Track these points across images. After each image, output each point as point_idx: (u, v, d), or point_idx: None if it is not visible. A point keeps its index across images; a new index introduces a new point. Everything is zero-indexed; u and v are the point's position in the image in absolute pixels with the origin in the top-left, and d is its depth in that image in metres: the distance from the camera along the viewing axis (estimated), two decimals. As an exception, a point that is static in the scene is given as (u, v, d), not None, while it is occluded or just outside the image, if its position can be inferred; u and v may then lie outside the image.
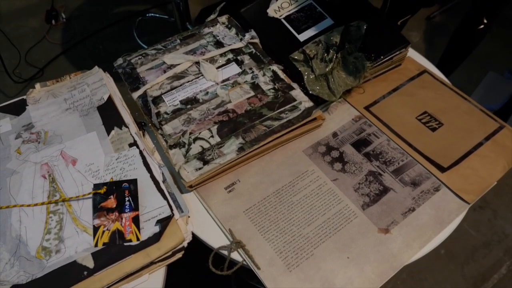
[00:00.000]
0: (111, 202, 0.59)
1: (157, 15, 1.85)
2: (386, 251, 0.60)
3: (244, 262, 0.59)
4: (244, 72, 0.78)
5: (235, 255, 0.60)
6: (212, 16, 0.90)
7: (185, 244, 0.59)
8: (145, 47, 0.84)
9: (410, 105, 0.79)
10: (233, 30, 0.86)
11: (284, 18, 0.87)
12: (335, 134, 0.75)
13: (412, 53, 0.88)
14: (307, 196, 0.66)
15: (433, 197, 0.66)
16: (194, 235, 0.61)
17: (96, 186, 0.60)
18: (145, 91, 0.76)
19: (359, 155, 0.72)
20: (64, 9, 1.97)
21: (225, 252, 0.60)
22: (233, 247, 0.59)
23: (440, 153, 0.71)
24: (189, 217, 0.61)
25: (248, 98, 0.74)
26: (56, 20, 1.92)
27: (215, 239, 0.62)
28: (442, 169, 0.70)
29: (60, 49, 1.83)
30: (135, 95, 0.76)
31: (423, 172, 0.69)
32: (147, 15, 1.87)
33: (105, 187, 0.60)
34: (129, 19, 1.91)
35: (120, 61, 0.82)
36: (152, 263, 0.57)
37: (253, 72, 0.78)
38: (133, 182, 0.61)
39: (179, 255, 0.60)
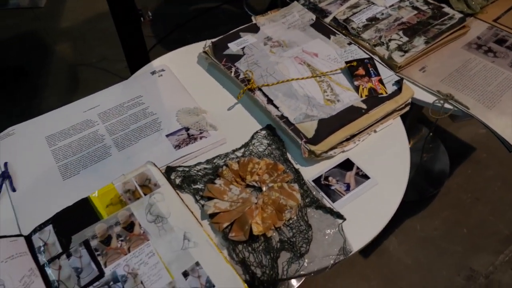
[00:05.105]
0: (361, 71, 0.84)
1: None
2: (549, 96, 0.86)
3: (455, 108, 0.84)
4: (402, 1, 1.05)
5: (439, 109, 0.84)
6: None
7: (410, 100, 0.84)
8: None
9: (525, 17, 1.06)
10: (377, -23, 1.13)
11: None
12: (478, 37, 1.01)
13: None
14: (479, 71, 0.92)
15: None
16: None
17: (348, 62, 0.85)
18: (334, 16, 1.02)
19: (502, 48, 0.98)
20: (148, 9, 2.24)
21: (439, 104, 0.85)
22: (447, 98, 0.85)
23: (561, 42, 0.98)
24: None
25: (414, 14, 1.01)
26: (143, 18, 2.19)
27: (426, 99, 0.87)
28: None
29: (155, 40, 2.09)
30: (327, 20, 1.02)
31: (553, 53, 0.96)
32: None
33: (354, 61, 0.85)
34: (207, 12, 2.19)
35: (302, 1, 1.08)
36: (394, 110, 0.82)
37: (408, 0, 1.05)
38: (371, 59, 0.86)
39: (407, 108, 0.84)
